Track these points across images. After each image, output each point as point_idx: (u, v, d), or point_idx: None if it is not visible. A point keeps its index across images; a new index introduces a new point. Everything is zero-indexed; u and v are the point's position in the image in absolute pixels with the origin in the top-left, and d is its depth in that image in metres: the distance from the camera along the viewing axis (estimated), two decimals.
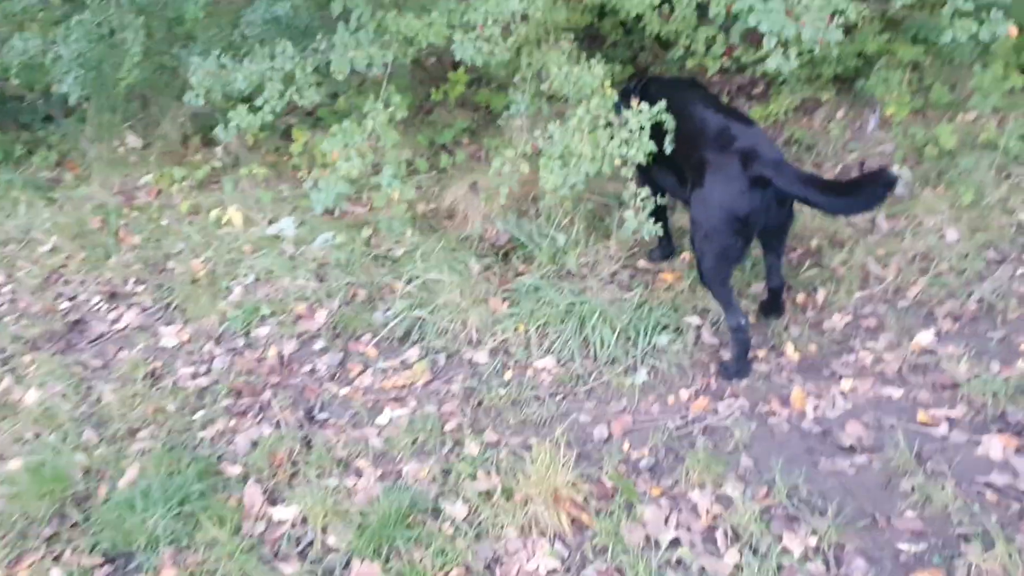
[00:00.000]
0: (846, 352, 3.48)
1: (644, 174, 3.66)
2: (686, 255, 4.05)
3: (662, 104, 3.33)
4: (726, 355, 3.48)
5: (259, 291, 4.05)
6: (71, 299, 4.25)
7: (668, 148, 3.30)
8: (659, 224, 3.43)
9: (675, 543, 2.72)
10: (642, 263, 4.05)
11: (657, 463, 3.05)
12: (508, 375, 3.53)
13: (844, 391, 3.27)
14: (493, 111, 5.63)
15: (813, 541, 2.67)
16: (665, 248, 4.03)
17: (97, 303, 4.18)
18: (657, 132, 3.38)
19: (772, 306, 3.62)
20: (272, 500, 3.00)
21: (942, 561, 2.57)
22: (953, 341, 3.43)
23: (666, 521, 2.79)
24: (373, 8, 4.50)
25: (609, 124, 3.49)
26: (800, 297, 3.77)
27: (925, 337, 3.46)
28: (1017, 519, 2.67)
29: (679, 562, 2.66)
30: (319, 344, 3.80)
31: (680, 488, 2.92)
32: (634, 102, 3.38)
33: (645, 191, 3.36)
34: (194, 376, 3.65)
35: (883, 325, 3.58)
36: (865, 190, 3.10)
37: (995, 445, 2.94)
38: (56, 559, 2.81)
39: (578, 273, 3.96)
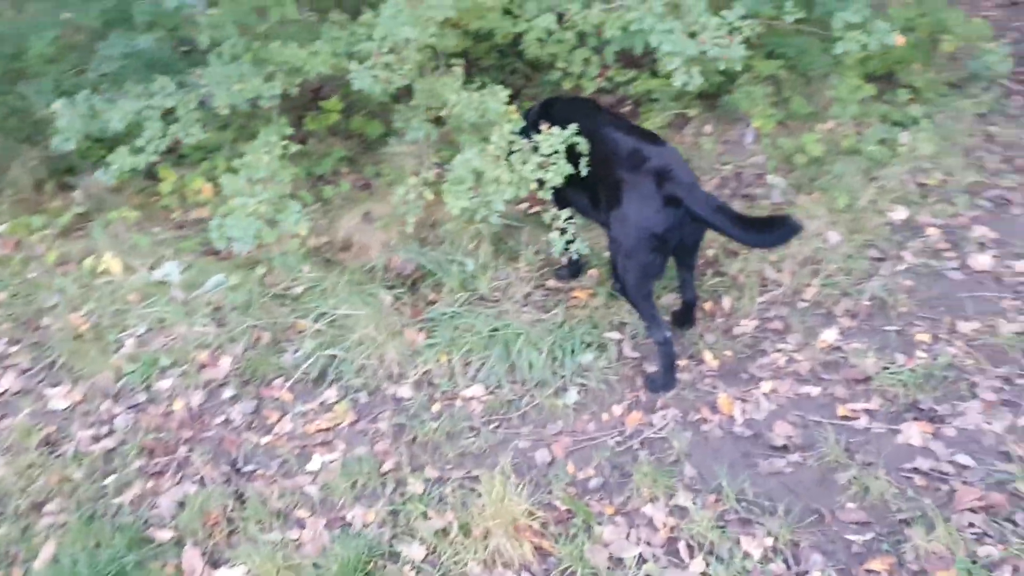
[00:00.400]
0: (760, 355, 3.62)
1: (554, 196, 3.69)
2: (594, 271, 4.10)
3: (574, 127, 3.36)
4: (651, 368, 3.54)
5: (154, 341, 3.81)
6: None
7: (584, 170, 3.34)
8: (584, 244, 3.45)
9: (640, 559, 2.74)
10: (552, 283, 4.07)
11: (605, 481, 3.06)
12: (436, 408, 3.46)
13: (766, 393, 3.40)
14: (368, 139, 5.56)
15: (770, 542, 2.76)
16: (573, 266, 4.07)
17: None
18: (570, 154, 3.41)
19: (685, 317, 3.72)
20: (214, 563, 2.82)
21: (891, 547, 2.70)
22: (855, 337, 3.64)
23: (627, 538, 2.81)
24: (248, 39, 4.36)
25: (516, 149, 3.50)
26: (708, 305, 3.90)
27: (830, 335, 3.65)
28: (948, 499, 2.85)
29: None
30: (228, 392, 3.61)
31: (633, 504, 2.95)
32: (544, 126, 3.40)
33: (566, 212, 3.37)
34: (96, 439, 3.39)
35: (788, 327, 3.75)
36: (774, 231, 3.25)
37: (914, 432, 3.12)
38: None
39: (491, 297, 3.94)
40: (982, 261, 4.00)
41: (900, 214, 4.42)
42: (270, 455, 3.29)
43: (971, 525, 2.72)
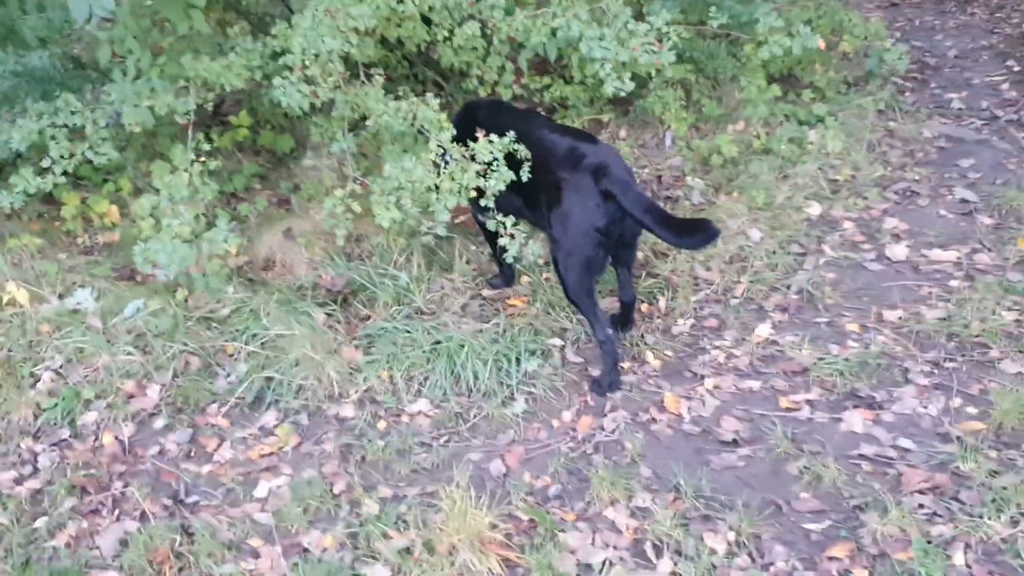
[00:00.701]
0: (700, 353, 3.67)
1: (474, 203, 3.66)
2: (526, 278, 4.09)
3: (512, 134, 3.34)
4: (595, 372, 3.54)
5: (73, 374, 3.60)
6: None
7: (525, 176, 3.32)
8: (537, 247, 3.44)
9: (607, 564, 2.72)
10: (487, 292, 4.04)
11: (564, 488, 3.04)
12: (382, 425, 3.38)
13: (710, 389, 3.45)
14: (278, 154, 5.42)
15: (732, 536, 2.78)
16: (507, 273, 4.05)
17: None
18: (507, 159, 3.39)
19: (625, 319, 3.74)
20: None
21: (848, 534, 2.76)
22: (788, 330, 3.73)
23: (592, 543, 2.79)
24: (151, 54, 4.19)
25: (451, 158, 3.46)
26: (645, 307, 3.93)
27: (764, 330, 3.73)
28: (896, 483, 2.93)
29: None
30: (160, 422, 3.44)
31: (594, 508, 2.93)
32: (480, 133, 3.37)
33: (510, 219, 3.35)
34: (19, 480, 3.17)
35: (724, 324, 3.81)
36: (695, 235, 3.32)
37: (855, 420, 3.21)
38: None
39: (427, 310, 3.87)
40: (898, 252, 4.16)
41: (815, 210, 4.57)
42: (213, 484, 3.15)
43: (921, 507, 2.80)
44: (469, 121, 3.67)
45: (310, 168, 5.05)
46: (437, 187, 3.37)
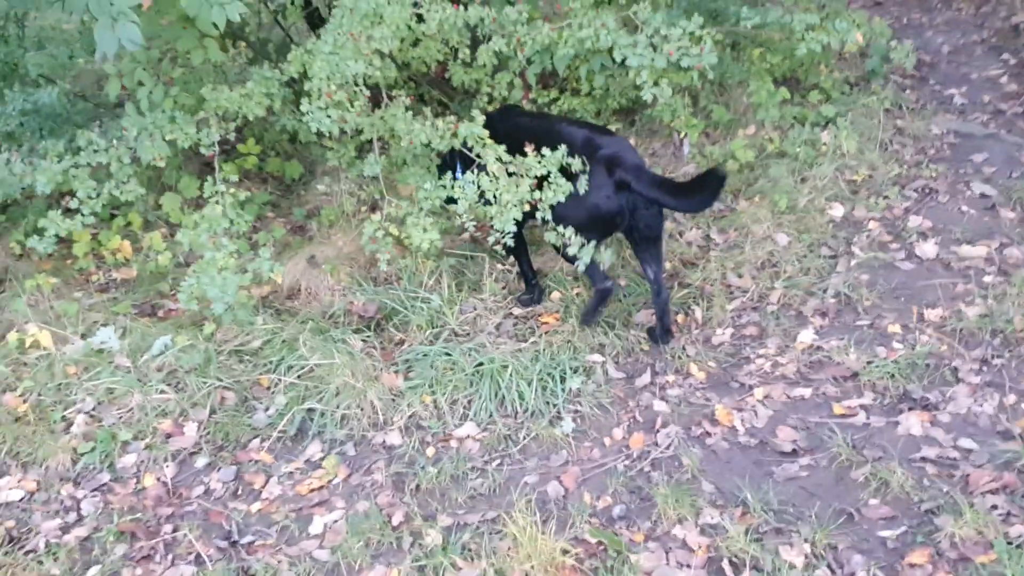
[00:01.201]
0: (744, 362, 3.64)
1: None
2: (557, 294, 4.04)
3: (563, 148, 3.33)
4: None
5: (107, 415, 3.51)
6: None
7: (582, 188, 3.32)
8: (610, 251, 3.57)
9: None
10: (518, 311, 3.98)
11: (627, 508, 2.98)
12: (431, 451, 3.31)
13: (760, 399, 3.41)
14: (286, 181, 5.35)
15: (808, 548, 2.74)
16: (533, 290, 4.01)
17: None
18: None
19: (662, 326, 3.70)
20: None
21: (925, 539, 2.73)
22: (831, 335, 3.70)
23: (667, 563, 2.74)
24: (164, 86, 4.13)
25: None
26: (681, 318, 3.89)
27: (806, 336, 3.70)
28: (964, 484, 2.91)
29: None
30: (202, 461, 3.36)
31: (662, 527, 2.88)
32: (528, 148, 3.33)
33: (570, 230, 3.33)
34: (65, 528, 3.08)
35: (764, 331, 3.78)
36: (707, 186, 3.49)
37: (913, 422, 3.18)
38: None
39: (461, 331, 3.81)
40: (928, 250, 4.16)
41: (838, 211, 4.56)
42: (266, 522, 3.07)
43: (994, 507, 2.77)
44: (488, 127, 3.65)
45: (323, 194, 4.99)
46: (493, 200, 3.34)
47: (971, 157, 5.02)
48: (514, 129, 3.51)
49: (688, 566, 2.73)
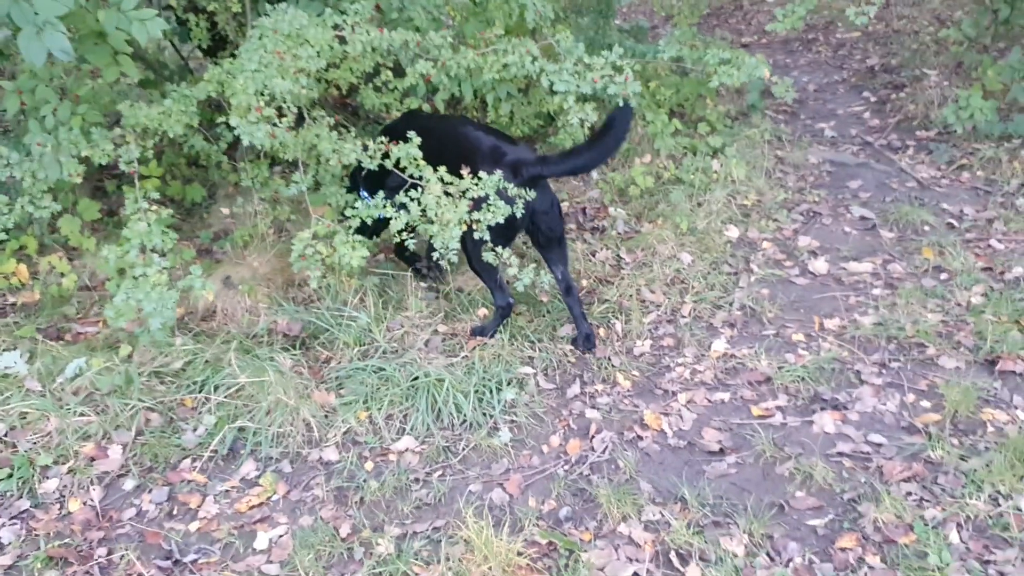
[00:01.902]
0: (665, 370, 3.81)
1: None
2: (483, 311, 4.13)
3: (499, 174, 3.44)
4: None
5: (21, 441, 3.35)
6: None
7: (519, 212, 3.42)
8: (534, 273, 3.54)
9: None
10: (442, 327, 4.05)
11: (573, 510, 3.08)
12: (369, 466, 3.32)
13: (684, 404, 3.59)
14: (186, 204, 5.26)
15: (746, 539, 2.90)
16: (434, 265, 4.31)
17: None
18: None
19: (580, 333, 3.92)
20: None
21: (851, 525, 2.95)
22: (742, 344, 3.93)
23: (617, 559, 2.84)
24: (70, 103, 4.01)
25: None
26: (602, 331, 4.05)
27: (719, 345, 3.92)
28: (879, 474, 3.15)
29: None
30: (131, 483, 3.25)
31: (608, 526, 2.99)
32: (464, 171, 3.41)
33: (507, 251, 3.43)
34: None
35: (680, 341, 3.98)
36: (613, 130, 3.67)
37: (826, 421, 3.43)
38: None
39: (390, 348, 3.84)
40: (819, 266, 4.48)
41: (734, 232, 4.84)
42: (207, 540, 2.99)
43: (909, 494, 3.02)
44: (393, 132, 3.78)
45: (227, 216, 4.92)
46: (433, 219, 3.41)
47: (847, 184, 5.44)
48: (421, 133, 3.59)
49: (638, 560, 2.84)
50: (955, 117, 5.76)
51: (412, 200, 3.39)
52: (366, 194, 4.05)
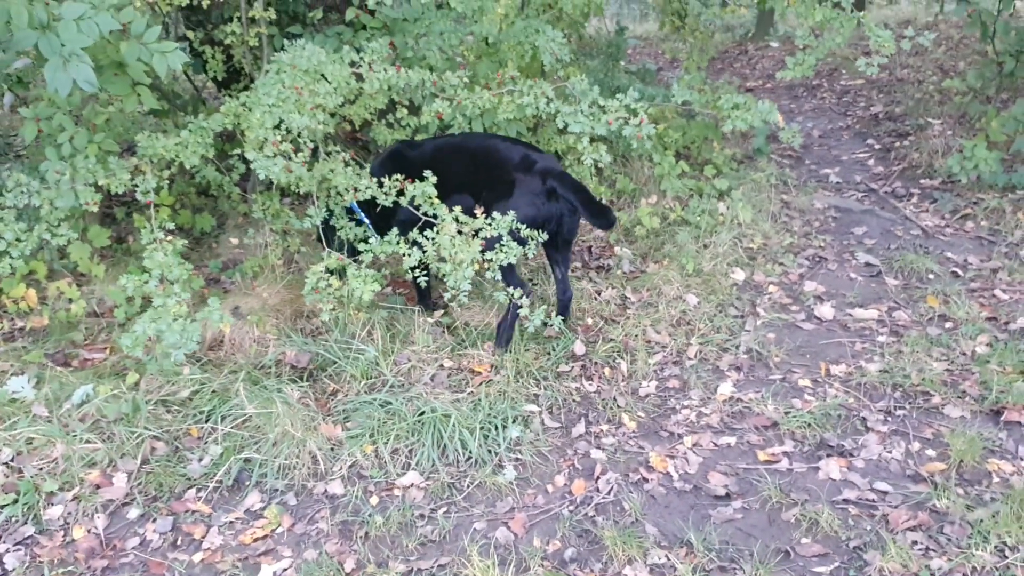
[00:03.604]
0: (671, 413, 3.82)
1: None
2: (489, 344, 4.14)
3: (512, 215, 3.47)
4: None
5: (28, 467, 3.34)
6: None
7: (531, 252, 3.47)
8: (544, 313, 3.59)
9: None
10: (448, 362, 4.06)
11: (578, 551, 3.07)
12: (375, 500, 3.32)
13: (690, 447, 3.59)
14: (195, 233, 5.29)
15: None
16: (426, 299, 4.44)
17: None
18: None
19: (562, 311, 4.16)
20: None
21: (857, 573, 2.94)
22: (748, 387, 3.94)
23: None
24: (89, 132, 4.06)
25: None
26: (608, 371, 4.06)
27: (726, 388, 3.93)
28: (885, 522, 3.15)
29: None
30: (135, 512, 3.24)
31: (613, 568, 2.98)
32: (478, 210, 3.45)
33: (519, 291, 3.47)
34: None
35: (686, 384, 3.99)
36: (609, 215, 3.97)
37: (832, 467, 3.43)
38: None
39: (397, 382, 3.85)
40: (825, 312, 4.50)
41: (740, 275, 4.87)
42: (211, 572, 2.98)
43: (915, 543, 3.02)
44: (402, 162, 4.00)
45: (236, 246, 4.95)
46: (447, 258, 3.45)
47: (852, 230, 5.48)
48: (448, 149, 3.74)
49: None
50: (959, 167, 5.82)
51: (428, 239, 3.42)
52: (361, 215, 4.13)
